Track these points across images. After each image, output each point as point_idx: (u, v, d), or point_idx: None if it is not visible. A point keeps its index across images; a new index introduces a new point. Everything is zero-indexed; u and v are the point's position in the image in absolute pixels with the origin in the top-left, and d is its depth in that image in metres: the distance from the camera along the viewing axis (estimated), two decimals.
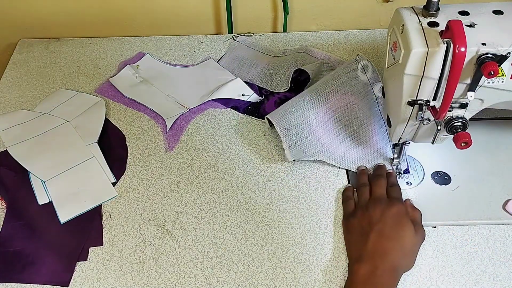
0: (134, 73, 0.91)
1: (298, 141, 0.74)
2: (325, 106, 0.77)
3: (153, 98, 0.87)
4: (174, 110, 0.85)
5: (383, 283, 0.58)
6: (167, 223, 0.70)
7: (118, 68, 0.93)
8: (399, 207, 0.65)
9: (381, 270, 0.59)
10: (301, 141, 0.74)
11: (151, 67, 0.93)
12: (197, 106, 0.85)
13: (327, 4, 0.99)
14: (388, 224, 0.63)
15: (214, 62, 0.93)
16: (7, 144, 0.78)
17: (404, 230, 0.63)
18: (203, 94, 0.87)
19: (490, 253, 0.66)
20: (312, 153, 0.74)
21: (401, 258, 0.61)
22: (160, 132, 0.82)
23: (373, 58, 0.94)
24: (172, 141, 0.80)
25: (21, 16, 0.98)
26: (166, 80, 0.91)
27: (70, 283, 0.64)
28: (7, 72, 0.93)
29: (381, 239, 0.62)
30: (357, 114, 0.77)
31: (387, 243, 0.61)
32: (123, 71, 0.92)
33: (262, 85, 0.89)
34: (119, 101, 0.87)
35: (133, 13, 0.99)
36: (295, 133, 0.74)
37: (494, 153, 0.77)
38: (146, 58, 0.95)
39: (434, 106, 0.59)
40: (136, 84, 0.90)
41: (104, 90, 0.89)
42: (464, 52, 0.50)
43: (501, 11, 0.58)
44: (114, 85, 0.89)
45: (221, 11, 0.99)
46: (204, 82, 0.90)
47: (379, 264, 0.59)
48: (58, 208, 0.71)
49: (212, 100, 0.86)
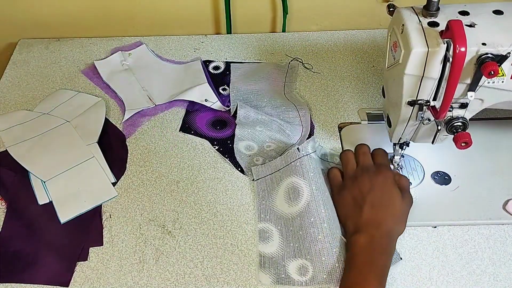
0: (122, 60, 0.93)
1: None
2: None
3: (127, 87, 0.88)
4: (140, 104, 0.85)
5: (382, 249, 0.61)
6: (167, 223, 0.70)
7: (110, 52, 0.95)
8: (386, 174, 0.67)
9: (378, 237, 0.62)
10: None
11: (141, 57, 0.94)
12: (163, 104, 0.86)
13: (327, 4, 0.99)
14: (377, 193, 0.65)
15: (199, 63, 0.92)
16: (7, 144, 0.78)
17: (393, 197, 0.65)
18: (173, 93, 0.87)
19: (490, 253, 0.66)
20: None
21: (393, 224, 0.63)
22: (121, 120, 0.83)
23: (373, 58, 0.94)
24: (128, 130, 0.82)
25: (21, 16, 0.98)
26: (149, 73, 0.91)
27: (70, 283, 0.64)
28: (7, 72, 0.93)
29: (374, 210, 0.64)
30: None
31: (380, 213, 0.64)
32: (112, 57, 0.94)
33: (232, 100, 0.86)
34: (96, 83, 0.90)
35: (133, 13, 0.99)
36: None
37: (494, 153, 0.77)
38: (141, 48, 0.96)
39: (434, 106, 0.59)
40: (119, 71, 0.91)
41: (89, 70, 0.92)
42: (464, 52, 0.50)
43: (501, 11, 0.58)
44: (97, 67, 0.91)
45: (220, 11, 0.99)
46: (180, 82, 0.89)
47: (375, 233, 0.62)
48: (58, 208, 0.71)
49: (179, 100, 0.85)
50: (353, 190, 0.67)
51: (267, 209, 0.70)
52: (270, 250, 0.66)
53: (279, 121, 0.80)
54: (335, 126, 0.82)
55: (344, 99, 0.86)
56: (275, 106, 0.83)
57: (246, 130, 0.79)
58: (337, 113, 0.84)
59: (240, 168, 0.76)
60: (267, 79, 0.89)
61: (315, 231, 0.64)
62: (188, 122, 0.83)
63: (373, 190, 0.65)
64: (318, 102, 0.86)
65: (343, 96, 0.87)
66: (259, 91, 0.87)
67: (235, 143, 0.79)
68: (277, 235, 0.68)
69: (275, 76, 0.90)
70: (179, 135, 0.81)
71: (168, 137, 0.81)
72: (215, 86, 0.88)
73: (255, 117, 0.81)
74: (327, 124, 0.83)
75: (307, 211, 0.66)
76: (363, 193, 0.65)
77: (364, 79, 0.90)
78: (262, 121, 0.80)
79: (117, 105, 0.86)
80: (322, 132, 0.81)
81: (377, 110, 0.84)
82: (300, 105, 0.84)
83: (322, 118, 0.83)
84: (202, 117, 0.84)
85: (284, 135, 0.79)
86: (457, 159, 0.75)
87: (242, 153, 0.77)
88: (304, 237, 0.65)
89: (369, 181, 0.66)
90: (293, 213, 0.68)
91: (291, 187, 0.69)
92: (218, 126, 0.82)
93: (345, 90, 0.88)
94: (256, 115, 0.81)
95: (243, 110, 0.81)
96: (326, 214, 0.65)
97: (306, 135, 0.79)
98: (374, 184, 0.66)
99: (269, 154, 0.77)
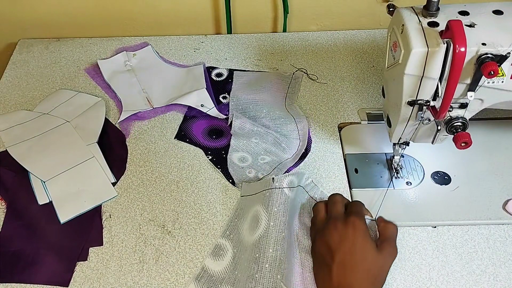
0: (126, 60, 0.93)
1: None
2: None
3: (127, 88, 0.88)
4: (138, 106, 0.85)
5: None
6: (167, 223, 0.70)
7: (115, 52, 0.95)
8: (356, 225, 0.59)
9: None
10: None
11: (145, 58, 0.94)
12: (161, 107, 0.85)
13: (327, 4, 0.99)
14: (347, 249, 0.57)
15: (202, 68, 0.91)
16: (7, 144, 0.78)
17: (366, 253, 0.57)
18: (172, 96, 0.87)
19: (490, 253, 0.66)
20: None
21: (369, 286, 0.56)
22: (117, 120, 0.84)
23: (373, 58, 0.94)
24: (125, 130, 0.82)
25: (21, 16, 0.98)
26: (150, 75, 0.91)
27: (70, 283, 0.64)
28: (7, 72, 0.93)
29: (344, 272, 0.56)
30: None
31: (351, 276, 0.56)
32: (116, 56, 0.94)
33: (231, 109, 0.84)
34: (97, 82, 0.90)
35: (133, 13, 0.99)
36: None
37: (494, 153, 0.77)
38: (147, 49, 0.96)
39: (434, 106, 0.59)
40: (121, 71, 0.91)
41: (91, 69, 0.92)
42: (464, 52, 0.50)
43: (501, 11, 0.58)
44: (99, 67, 0.91)
45: (221, 11, 0.99)
46: (180, 85, 0.89)
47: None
48: (58, 208, 0.71)
49: (177, 104, 0.85)
50: (321, 247, 0.60)
51: (234, 228, 0.68)
52: (215, 268, 0.64)
53: (275, 133, 0.79)
54: (335, 126, 0.82)
55: (344, 99, 0.86)
56: (273, 117, 0.82)
57: (241, 141, 0.78)
58: (337, 113, 0.84)
59: (231, 180, 0.74)
60: (269, 89, 0.87)
61: (255, 267, 0.60)
62: (184, 129, 0.82)
63: (343, 246, 0.57)
64: (318, 102, 0.86)
65: (343, 96, 0.87)
66: (259, 101, 0.85)
67: (229, 154, 0.77)
68: (229, 257, 0.65)
69: (278, 87, 0.88)
70: (175, 139, 0.81)
71: (168, 137, 0.81)
72: (216, 93, 0.87)
73: (251, 128, 0.79)
74: (327, 124, 0.83)
75: (256, 245, 0.62)
76: (332, 249, 0.58)
77: (364, 79, 0.90)
78: (257, 133, 0.79)
79: (115, 106, 0.86)
80: (322, 132, 0.81)
81: (377, 110, 0.84)
82: (299, 118, 0.82)
83: (322, 118, 0.83)
84: (199, 124, 0.83)
85: (279, 148, 0.77)
86: (457, 159, 0.75)
87: (235, 165, 0.76)
88: (244, 270, 0.61)
89: (337, 234, 0.59)
90: (249, 241, 0.64)
91: (255, 215, 0.65)
92: (214, 135, 0.81)
93: (345, 90, 0.88)
94: (252, 126, 0.79)
95: (239, 121, 0.80)
96: (273, 255, 0.60)
97: (303, 149, 0.78)
98: (343, 238, 0.58)
99: (263, 167, 0.75)
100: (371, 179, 0.74)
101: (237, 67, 0.93)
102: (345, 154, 0.78)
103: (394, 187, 0.73)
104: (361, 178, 0.75)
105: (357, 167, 0.76)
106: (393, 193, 0.72)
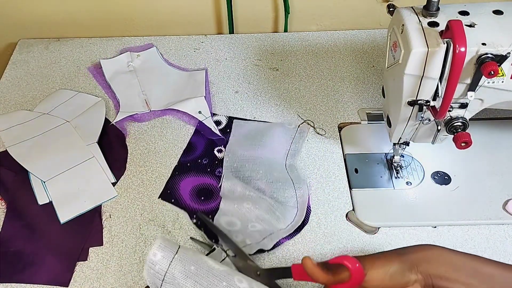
0: (129, 61, 0.93)
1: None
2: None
3: (126, 89, 0.88)
4: (136, 107, 0.85)
5: None
6: (167, 223, 0.70)
7: (119, 52, 0.95)
8: None
9: None
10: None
11: (148, 60, 0.94)
12: (158, 110, 0.85)
13: (327, 4, 0.99)
14: None
15: (203, 74, 0.91)
16: (7, 144, 0.78)
17: None
18: (171, 100, 0.86)
19: (490, 253, 0.66)
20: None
21: None
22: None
23: (373, 58, 0.94)
24: (122, 130, 0.82)
25: (21, 16, 0.98)
26: (152, 77, 0.91)
27: (70, 283, 0.64)
28: (7, 72, 0.93)
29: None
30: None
31: None
32: (119, 57, 0.94)
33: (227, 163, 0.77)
34: (98, 81, 0.90)
35: (133, 13, 0.99)
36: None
37: (494, 153, 0.77)
38: (151, 50, 0.96)
39: (434, 106, 0.59)
40: (123, 72, 0.91)
41: (94, 68, 0.93)
42: (464, 52, 0.50)
43: (501, 11, 0.58)
44: (102, 66, 0.91)
45: (222, 11, 0.99)
46: (181, 90, 0.88)
47: None
48: (58, 208, 0.71)
49: (174, 110, 0.84)
50: None
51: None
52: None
53: (269, 199, 0.70)
54: (335, 126, 0.82)
55: (344, 99, 0.86)
56: (270, 180, 0.73)
57: (232, 205, 0.70)
58: (337, 113, 0.84)
59: (214, 239, 0.67)
60: (270, 145, 0.78)
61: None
62: (170, 187, 0.74)
63: None
64: (318, 102, 0.86)
65: (343, 96, 0.87)
66: (257, 159, 0.76)
67: (216, 216, 0.70)
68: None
69: (280, 141, 0.79)
70: (176, 138, 0.81)
71: (168, 137, 0.81)
72: (211, 146, 0.80)
73: (243, 192, 0.71)
74: (327, 124, 0.82)
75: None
76: None
77: (364, 79, 0.90)
78: (250, 197, 0.70)
79: (113, 106, 0.86)
80: (322, 132, 0.81)
81: (377, 110, 0.84)
82: (299, 184, 0.73)
83: (322, 118, 0.83)
84: (187, 182, 0.74)
85: (273, 216, 0.68)
86: (457, 159, 0.75)
87: (221, 226, 0.68)
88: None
89: None
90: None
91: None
92: (203, 196, 0.72)
93: (345, 90, 0.88)
94: (244, 190, 0.71)
95: (229, 183, 0.72)
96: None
97: (300, 220, 0.69)
98: None
99: (252, 235, 0.67)
100: (371, 179, 0.74)
101: (237, 67, 0.93)
102: (345, 154, 0.78)
103: (394, 187, 0.73)
104: (361, 178, 0.75)
105: (357, 167, 0.76)
106: (393, 193, 0.72)
